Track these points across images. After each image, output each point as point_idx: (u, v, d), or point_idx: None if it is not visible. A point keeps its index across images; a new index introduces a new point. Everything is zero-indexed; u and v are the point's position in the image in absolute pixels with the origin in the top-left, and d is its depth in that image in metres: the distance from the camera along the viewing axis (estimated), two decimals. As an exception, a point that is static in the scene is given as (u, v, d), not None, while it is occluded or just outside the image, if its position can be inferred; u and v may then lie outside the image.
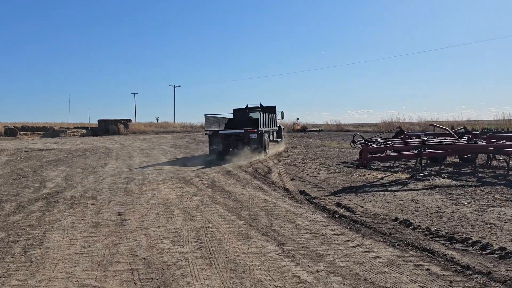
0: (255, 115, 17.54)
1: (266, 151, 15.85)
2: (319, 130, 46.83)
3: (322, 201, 6.95)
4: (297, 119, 50.34)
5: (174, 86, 78.24)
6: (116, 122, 53.71)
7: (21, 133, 49.62)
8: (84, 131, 54.32)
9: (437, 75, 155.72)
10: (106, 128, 53.40)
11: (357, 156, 14.25)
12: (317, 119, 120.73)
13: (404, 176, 9.47)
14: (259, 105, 19.65)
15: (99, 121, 56.31)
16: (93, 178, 10.39)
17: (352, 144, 14.08)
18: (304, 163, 13.05)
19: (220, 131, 15.61)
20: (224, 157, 14.67)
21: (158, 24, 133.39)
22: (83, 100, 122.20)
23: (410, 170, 10.48)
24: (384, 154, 9.81)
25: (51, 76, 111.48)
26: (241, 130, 15.27)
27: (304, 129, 47.39)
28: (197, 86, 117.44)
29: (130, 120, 56.14)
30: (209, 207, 6.71)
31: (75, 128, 57.07)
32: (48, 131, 52.27)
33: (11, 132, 46.17)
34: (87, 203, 7.06)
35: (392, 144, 10.06)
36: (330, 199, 7.10)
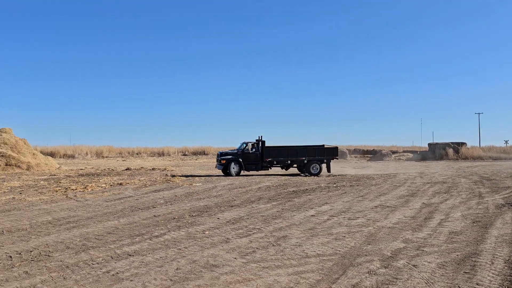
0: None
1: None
2: None
3: None
4: None
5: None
6: (445, 145, 46.84)
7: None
8: (411, 155, 50.82)
9: None
10: (434, 152, 47.68)
11: None
12: None
13: None
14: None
15: (429, 144, 51.60)
16: None
17: None
18: None
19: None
20: None
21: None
22: (431, 122, 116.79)
23: None
24: None
25: (406, 101, 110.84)
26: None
27: None
28: None
29: (463, 144, 47.33)
30: None
31: (404, 151, 54.64)
32: (377, 154, 52.80)
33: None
34: None
35: None
36: None
